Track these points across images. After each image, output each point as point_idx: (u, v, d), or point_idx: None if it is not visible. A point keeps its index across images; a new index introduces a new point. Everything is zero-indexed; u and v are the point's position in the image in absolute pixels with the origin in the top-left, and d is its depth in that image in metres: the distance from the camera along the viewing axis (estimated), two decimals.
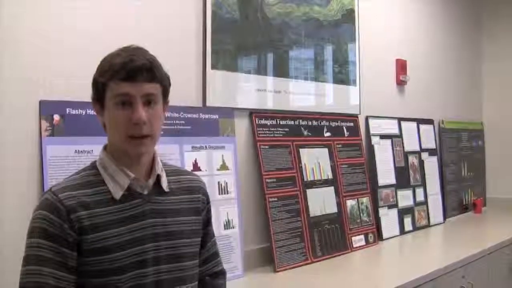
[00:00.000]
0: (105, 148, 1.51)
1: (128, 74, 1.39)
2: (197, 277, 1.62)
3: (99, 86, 1.43)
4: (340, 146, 3.39)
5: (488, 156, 5.30)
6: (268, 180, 2.86)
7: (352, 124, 3.54)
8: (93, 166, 1.50)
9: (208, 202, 1.69)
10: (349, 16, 3.60)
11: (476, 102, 5.35)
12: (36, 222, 1.38)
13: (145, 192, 1.50)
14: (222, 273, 1.77)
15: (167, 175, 1.57)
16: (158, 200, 1.52)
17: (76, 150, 2.10)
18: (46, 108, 2.05)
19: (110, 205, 1.43)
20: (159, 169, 1.53)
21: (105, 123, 1.47)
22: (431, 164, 4.34)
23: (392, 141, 3.94)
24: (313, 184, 3.12)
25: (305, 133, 3.17)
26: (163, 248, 1.49)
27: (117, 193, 1.45)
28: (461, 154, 4.86)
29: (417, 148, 4.21)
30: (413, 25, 4.41)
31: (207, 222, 1.69)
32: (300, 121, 3.15)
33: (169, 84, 1.52)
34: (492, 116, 5.33)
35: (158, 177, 1.53)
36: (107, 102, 1.42)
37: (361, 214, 3.43)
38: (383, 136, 3.86)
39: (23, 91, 2.01)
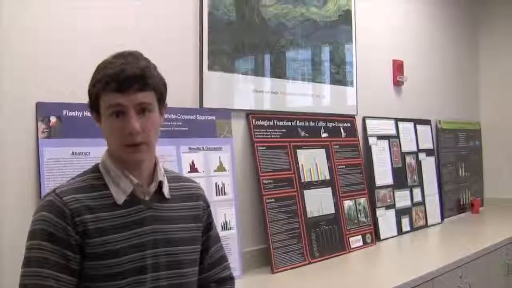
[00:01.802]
0: (107, 151, 1.50)
1: (119, 85, 1.37)
2: (196, 284, 1.60)
3: (93, 96, 1.43)
4: (337, 147, 3.39)
5: (486, 156, 5.30)
6: (265, 181, 2.86)
7: (349, 124, 3.54)
8: (96, 169, 1.49)
9: (208, 207, 1.68)
10: (345, 17, 3.60)
11: (473, 103, 5.36)
12: (39, 224, 1.36)
13: (147, 198, 1.49)
14: (229, 279, 1.73)
15: (168, 182, 1.56)
16: (159, 207, 1.51)
17: (72, 152, 2.10)
18: (43, 110, 2.05)
19: (112, 210, 1.42)
20: (161, 175, 1.53)
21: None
22: (429, 165, 4.34)
23: (389, 141, 3.94)
24: (311, 185, 3.12)
25: (302, 134, 3.17)
26: (162, 255, 1.48)
27: (120, 198, 1.44)
28: (458, 154, 4.86)
29: (414, 149, 4.21)
30: (410, 26, 4.42)
31: (208, 227, 1.67)
32: (297, 122, 3.15)
33: (165, 89, 1.49)
34: (489, 117, 5.34)
35: (160, 184, 1.52)
36: (102, 112, 1.42)
37: (359, 215, 3.43)
38: (380, 137, 3.86)
39: (20, 93, 2.00)
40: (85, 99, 1.48)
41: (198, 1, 2.66)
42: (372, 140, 3.78)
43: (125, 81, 1.37)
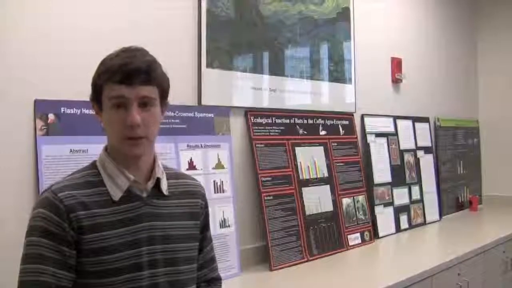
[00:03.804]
0: (105, 148, 1.50)
1: (124, 77, 1.38)
2: (195, 281, 1.60)
3: (97, 88, 1.43)
4: (335, 144, 3.39)
5: (484, 154, 5.31)
6: (263, 179, 2.86)
7: (347, 122, 3.54)
8: (93, 165, 1.49)
9: (206, 207, 1.68)
10: (344, 14, 3.60)
11: (472, 100, 5.36)
12: (36, 221, 1.37)
13: (144, 195, 1.49)
14: (217, 280, 1.75)
15: (167, 179, 1.56)
16: (156, 204, 1.51)
17: (71, 150, 2.10)
18: (41, 107, 2.05)
19: (108, 206, 1.42)
20: (160, 172, 1.52)
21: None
22: (427, 162, 4.34)
23: (387, 139, 3.94)
24: (309, 182, 3.12)
25: (301, 131, 3.17)
26: (159, 252, 1.48)
27: (116, 195, 1.44)
28: (456, 152, 4.87)
29: (413, 146, 4.22)
30: (409, 23, 4.42)
31: (205, 227, 1.68)
32: (296, 119, 3.15)
33: (168, 86, 1.50)
34: (487, 114, 5.34)
35: (158, 180, 1.52)
36: (104, 103, 1.42)
37: (357, 212, 3.43)
38: (378, 134, 3.86)
39: (18, 90, 2.00)
40: (82, 96, 1.48)
41: None
42: (370, 138, 3.78)
43: (130, 74, 1.38)
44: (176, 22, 2.59)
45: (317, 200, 3.15)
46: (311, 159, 3.18)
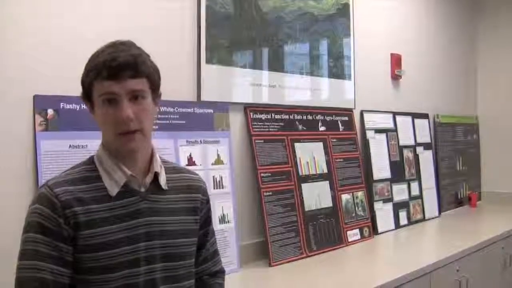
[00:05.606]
0: (102, 143, 1.50)
1: (111, 72, 1.37)
2: (193, 276, 1.60)
3: (86, 86, 1.43)
4: (335, 140, 3.39)
5: (483, 150, 5.31)
6: (263, 175, 2.86)
7: (347, 118, 3.54)
8: (91, 161, 1.49)
9: (208, 202, 1.67)
10: (344, 10, 3.59)
11: (471, 97, 5.36)
12: (32, 217, 1.37)
13: (142, 190, 1.48)
14: (221, 272, 1.75)
15: (166, 173, 1.55)
16: (155, 198, 1.50)
17: (70, 145, 2.10)
18: (40, 103, 2.04)
19: (105, 202, 1.42)
20: (158, 166, 1.51)
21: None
22: (426, 158, 4.34)
23: (387, 135, 3.94)
24: (308, 178, 3.12)
25: (300, 127, 3.17)
26: (157, 247, 1.47)
27: (113, 190, 1.44)
28: (456, 148, 4.87)
29: (412, 143, 4.22)
30: (409, 20, 4.41)
31: (207, 221, 1.67)
32: (295, 115, 3.15)
33: (158, 77, 1.49)
34: (487, 111, 5.34)
35: (156, 175, 1.51)
36: (95, 100, 1.42)
37: (356, 208, 3.44)
38: (378, 130, 3.86)
39: (17, 85, 2.00)
40: (79, 92, 1.48)
41: None
42: (370, 134, 3.78)
43: (117, 69, 1.37)
44: (175, 18, 2.59)
45: (317, 196, 3.15)
46: (310, 155, 3.18)
